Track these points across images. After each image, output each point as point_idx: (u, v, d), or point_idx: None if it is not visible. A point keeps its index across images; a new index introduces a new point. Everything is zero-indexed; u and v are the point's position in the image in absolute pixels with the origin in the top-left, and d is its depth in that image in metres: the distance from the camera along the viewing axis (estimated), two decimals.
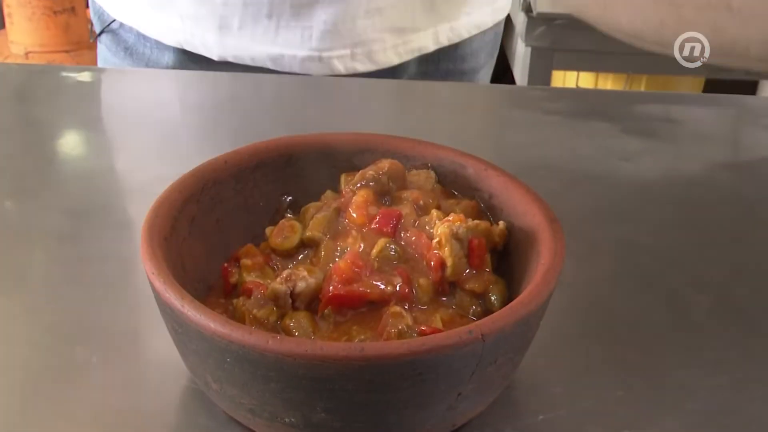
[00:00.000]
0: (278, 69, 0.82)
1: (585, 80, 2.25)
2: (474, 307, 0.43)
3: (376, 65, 0.84)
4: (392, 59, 0.84)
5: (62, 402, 0.44)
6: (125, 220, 0.60)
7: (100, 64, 0.92)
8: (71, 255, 0.56)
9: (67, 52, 2.47)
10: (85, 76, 0.82)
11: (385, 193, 0.48)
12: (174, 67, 0.85)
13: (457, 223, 0.43)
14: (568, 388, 0.45)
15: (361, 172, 0.48)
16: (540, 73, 2.00)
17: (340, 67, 0.82)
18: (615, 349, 0.49)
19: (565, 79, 2.27)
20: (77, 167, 0.68)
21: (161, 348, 0.47)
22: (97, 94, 0.82)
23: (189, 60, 0.84)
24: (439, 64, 0.88)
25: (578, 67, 2.09)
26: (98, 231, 0.58)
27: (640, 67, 1.97)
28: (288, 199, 0.50)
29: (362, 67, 0.83)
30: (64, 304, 0.51)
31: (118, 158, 0.70)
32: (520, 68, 2.06)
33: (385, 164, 0.48)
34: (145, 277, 0.40)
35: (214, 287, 0.46)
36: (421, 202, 0.47)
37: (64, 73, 0.84)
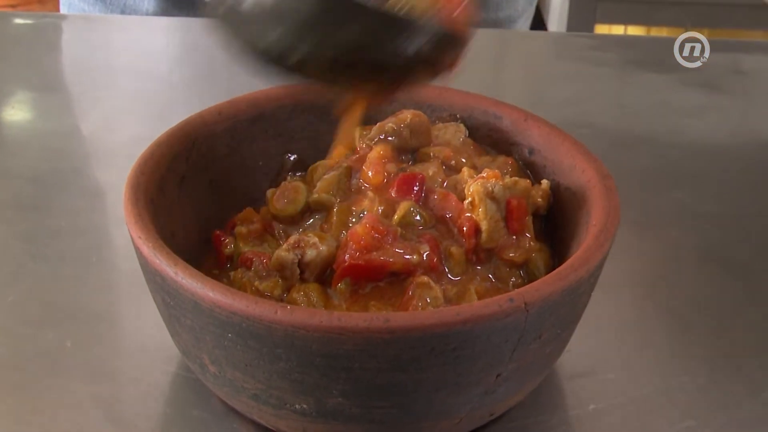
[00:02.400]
0: None
1: None
2: (514, 279, 0.44)
3: None
4: None
5: (33, 393, 0.45)
6: (97, 188, 0.62)
7: (63, 11, 0.93)
8: (36, 227, 0.57)
9: (12, 6, 2.48)
10: (44, 24, 0.84)
11: (406, 149, 0.49)
12: (155, 14, 0.86)
13: (492, 180, 0.44)
14: (623, 374, 0.47)
15: (378, 124, 0.49)
16: (580, 27, 2.01)
17: None
18: (677, 329, 0.50)
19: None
20: (38, 128, 0.69)
21: (145, 330, 0.48)
22: (58, 44, 0.83)
23: (173, 5, 0.85)
24: None
25: (626, 20, 2.10)
26: (66, 200, 0.59)
27: (700, 19, 1.97)
28: (292, 158, 0.51)
29: None
30: (29, 283, 0.52)
31: (86, 117, 0.71)
32: (556, 21, 2.06)
33: (407, 115, 0.49)
34: (122, 250, 0.41)
35: (207, 258, 0.47)
36: (453, 161, 0.48)
37: (19, 20, 0.85)
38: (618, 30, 2.22)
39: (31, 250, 0.55)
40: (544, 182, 0.46)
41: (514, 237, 0.44)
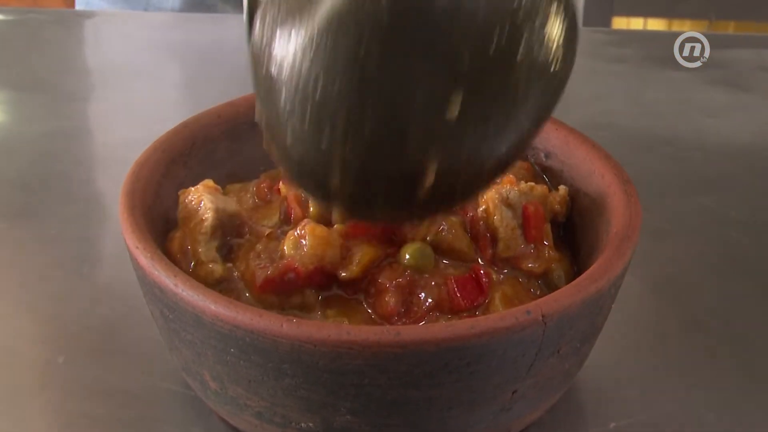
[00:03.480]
0: None
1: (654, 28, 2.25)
2: (532, 290, 0.44)
3: None
4: None
5: (24, 411, 0.46)
6: (88, 194, 0.62)
7: (79, 7, 0.93)
8: (24, 236, 0.58)
9: None
10: (28, 20, 0.84)
11: None
12: (181, 11, 0.86)
13: (507, 186, 0.44)
14: (645, 390, 0.47)
15: None
16: (597, 21, 2.01)
17: None
18: (702, 342, 0.50)
19: (629, 27, 2.27)
20: (25, 131, 0.70)
21: (142, 345, 0.49)
22: (45, 42, 0.83)
23: (199, 3, 0.85)
24: None
25: (645, 12, 2.10)
26: (56, 207, 0.60)
27: (726, 11, 1.97)
28: None
29: None
30: (18, 295, 0.53)
31: (76, 120, 0.72)
32: None
33: None
34: (117, 260, 0.42)
35: None
36: None
37: (1, 17, 0.86)
38: (637, 23, 2.22)
39: (19, 259, 0.55)
40: (562, 188, 0.47)
41: (532, 246, 0.45)
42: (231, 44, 0.81)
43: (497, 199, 0.44)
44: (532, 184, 0.45)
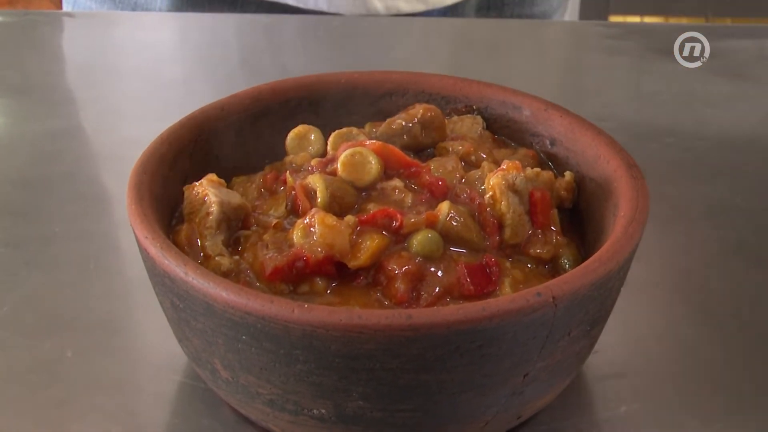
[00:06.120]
0: (301, 6, 0.85)
1: None
2: (541, 276, 0.45)
3: (425, 4, 0.85)
4: None
5: (32, 406, 0.46)
6: (90, 192, 0.63)
7: (66, 8, 0.94)
8: (28, 234, 0.58)
9: None
10: (25, 22, 0.85)
11: (418, 147, 0.50)
12: (168, 11, 0.87)
13: (513, 172, 0.45)
14: (654, 375, 0.48)
15: (387, 121, 0.50)
16: (593, 18, 2.02)
17: (379, 5, 0.84)
18: (708, 327, 0.51)
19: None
20: (25, 131, 0.71)
21: (149, 337, 0.50)
22: (42, 43, 0.84)
23: (187, 2, 0.86)
24: (503, 9, 0.90)
25: (641, 10, 2.11)
26: (58, 205, 0.61)
27: (722, 8, 1.98)
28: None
29: (407, 6, 0.85)
30: (24, 292, 0.53)
31: (76, 119, 0.72)
32: (567, 14, 2.07)
33: (419, 110, 0.50)
34: (121, 255, 0.42)
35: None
36: (473, 157, 0.49)
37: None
38: (633, 21, 2.23)
39: (24, 257, 0.56)
40: (568, 174, 0.48)
41: (540, 232, 0.45)
42: (223, 43, 0.82)
43: (504, 186, 0.45)
44: (538, 170, 0.46)
